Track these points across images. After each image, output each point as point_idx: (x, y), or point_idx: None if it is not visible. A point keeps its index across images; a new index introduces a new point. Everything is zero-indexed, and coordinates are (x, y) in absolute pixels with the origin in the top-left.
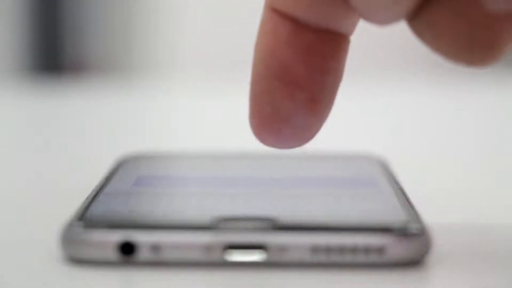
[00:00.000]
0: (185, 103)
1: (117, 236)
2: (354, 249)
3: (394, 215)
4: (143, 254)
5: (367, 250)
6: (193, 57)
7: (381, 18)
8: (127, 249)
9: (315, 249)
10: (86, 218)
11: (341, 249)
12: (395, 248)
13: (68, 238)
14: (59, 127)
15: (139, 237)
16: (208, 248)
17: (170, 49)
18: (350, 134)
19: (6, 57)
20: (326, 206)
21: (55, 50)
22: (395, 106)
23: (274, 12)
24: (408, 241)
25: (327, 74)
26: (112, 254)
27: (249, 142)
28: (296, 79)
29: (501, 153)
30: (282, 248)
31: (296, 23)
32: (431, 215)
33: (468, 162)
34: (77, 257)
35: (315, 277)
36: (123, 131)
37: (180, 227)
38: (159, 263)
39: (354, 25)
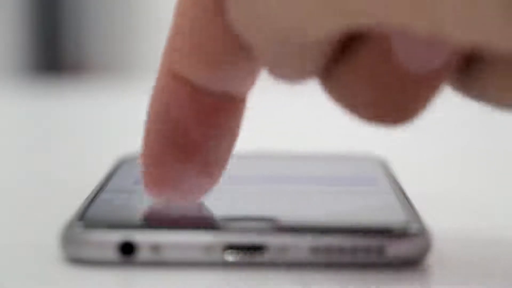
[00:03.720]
0: None
1: (117, 236)
2: (354, 249)
3: (394, 215)
4: (143, 254)
5: (367, 250)
6: None
7: (288, 77)
8: (127, 249)
9: (315, 249)
10: (86, 218)
11: (341, 249)
12: (395, 248)
13: (68, 238)
14: (59, 127)
15: (139, 237)
16: (208, 248)
17: None
18: (351, 134)
19: (6, 57)
20: (326, 206)
21: (55, 50)
22: None
23: (170, 74)
24: (408, 241)
25: (223, 137)
26: (112, 254)
27: (249, 141)
28: (191, 143)
29: (501, 154)
30: (282, 248)
31: (192, 87)
32: (431, 215)
33: (468, 162)
34: (77, 257)
35: (315, 277)
36: (123, 131)
37: (180, 227)
38: (159, 263)
39: (251, 87)
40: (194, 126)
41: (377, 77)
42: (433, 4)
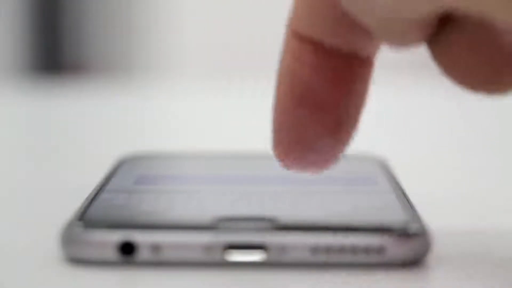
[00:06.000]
0: (185, 103)
1: (117, 236)
2: (354, 249)
3: (394, 215)
4: (143, 254)
5: (367, 250)
6: (193, 57)
7: (397, 44)
8: (127, 249)
9: (315, 249)
10: (86, 218)
11: (341, 249)
12: (395, 248)
13: (68, 238)
14: (59, 127)
15: (139, 237)
16: (208, 248)
17: (170, 49)
18: None
19: (6, 57)
20: (326, 206)
21: (55, 50)
22: (396, 106)
23: (297, 36)
24: (408, 241)
25: (352, 97)
26: (112, 254)
27: (249, 141)
28: (322, 102)
29: (501, 154)
30: (282, 248)
31: (320, 47)
32: (431, 215)
33: (468, 162)
34: (77, 257)
35: (315, 277)
36: (123, 131)
37: (180, 227)
38: (159, 263)
39: (377, 49)
40: (322, 85)
41: (481, 45)
42: None
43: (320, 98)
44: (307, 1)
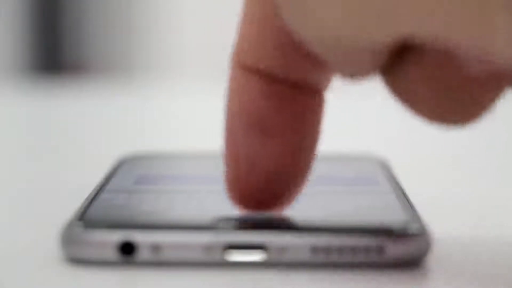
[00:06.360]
0: (184, 103)
1: (117, 236)
2: (354, 249)
3: (394, 215)
4: (143, 254)
5: (367, 250)
6: (193, 57)
7: (349, 75)
8: (127, 249)
9: (315, 249)
10: (86, 218)
11: (341, 249)
12: (395, 248)
13: (68, 238)
14: (59, 127)
15: (139, 237)
16: (208, 248)
17: (169, 49)
18: (351, 135)
19: (6, 57)
20: (326, 206)
21: (55, 50)
22: (396, 107)
23: (243, 68)
24: (408, 241)
25: (305, 124)
26: (112, 254)
27: None
28: (275, 129)
29: (501, 155)
30: (282, 248)
31: (268, 77)
32: (431, 215)
33: (468, 163)
34: (77, 257)
35: (315, 277)
36: (123, 131)
37: (180, 227)
38: (159, 263)
39: (327, 81)
40: (275, 113)
41: (439, 77)
42: (483, 23)
43: (274, 125)
44: (253, 33)
